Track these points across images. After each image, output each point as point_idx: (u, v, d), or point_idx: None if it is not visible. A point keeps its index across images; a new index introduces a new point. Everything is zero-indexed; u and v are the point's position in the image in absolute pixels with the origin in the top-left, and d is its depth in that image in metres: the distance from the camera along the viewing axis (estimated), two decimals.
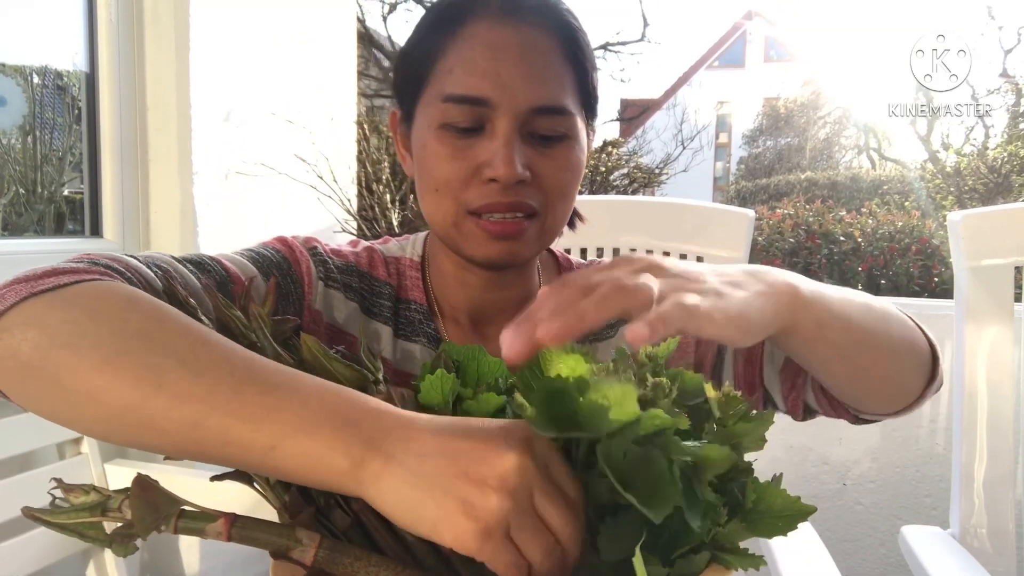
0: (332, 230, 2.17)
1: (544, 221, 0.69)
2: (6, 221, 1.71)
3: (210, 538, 0.46)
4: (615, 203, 1.51)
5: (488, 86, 0.64)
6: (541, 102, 0.65)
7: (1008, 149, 7.51)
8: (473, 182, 0.66)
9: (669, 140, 6.69)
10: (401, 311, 0.77)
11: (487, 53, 0.65)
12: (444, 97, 0.66)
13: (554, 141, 0.67)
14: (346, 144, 2.27)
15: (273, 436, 0.44)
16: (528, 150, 0.66)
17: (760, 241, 4.59)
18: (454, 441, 0.44)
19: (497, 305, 0.76)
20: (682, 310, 0.45)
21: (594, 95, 0.73)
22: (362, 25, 6.45)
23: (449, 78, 0.66)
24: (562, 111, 0.67)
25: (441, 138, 0.67)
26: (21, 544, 1.35)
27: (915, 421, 2.09)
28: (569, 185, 0.69)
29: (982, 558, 1.18)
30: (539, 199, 0.67)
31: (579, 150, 0.70)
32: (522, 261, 0.71)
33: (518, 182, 0.65)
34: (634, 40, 7.81)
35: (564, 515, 0.44)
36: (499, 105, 0.65)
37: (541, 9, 0.68)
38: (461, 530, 0.42)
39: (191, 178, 1.67)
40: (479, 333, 0.77)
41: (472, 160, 0.66)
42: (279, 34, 1.93)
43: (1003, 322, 1.28)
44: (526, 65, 0.65)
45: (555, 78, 0.67)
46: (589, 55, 0.70)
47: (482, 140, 0.66)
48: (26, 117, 1.69)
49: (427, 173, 0.68)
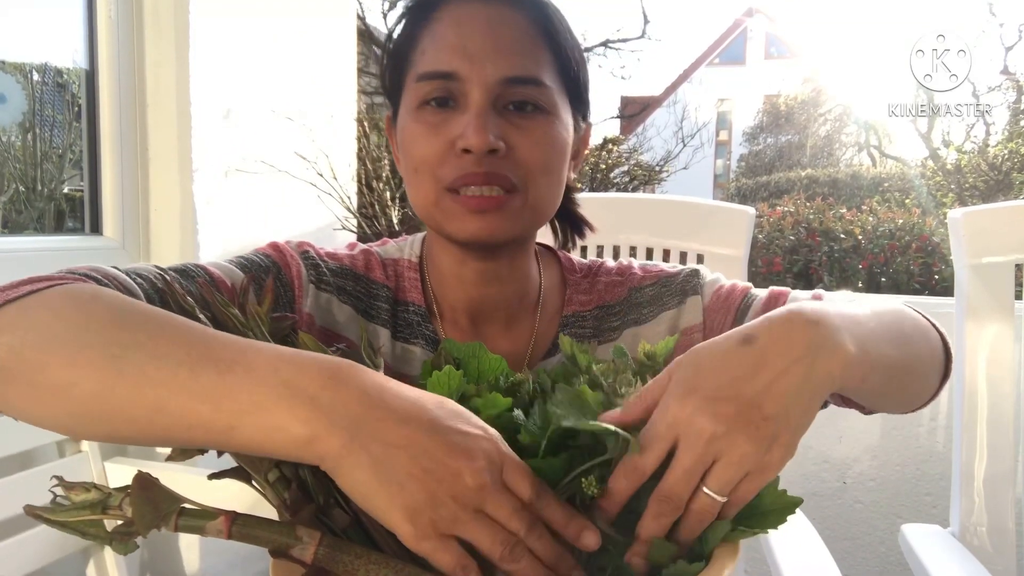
0: (332, 227, 2.17)
1: (526, 196, 0.68)
2: (6, 218, 1.71)
3: (210, 536, 0.46)
4: (616, 200, 1.51)
5: (457, 60, 0.65)
6: (511, 72, 0.66)
7: (1009, 146, 7.50)
8: (448, 156, 0.66)
9: (670, 137, 6.70)
10: (399, 313, 0.76)
11: (455, 29, 0.66)
12: (418, 77, 0.68)
13: (529, 113, 0.67)
14: (346, 141, 2.27)
15: (232, 415, 0.46)
16: (502, 122, 0.66)
17: (760, 238, 4.59)
18: (419, 436, 0.45)
19: (495, 301, 0.76)
20: (754, 485, 0.48)
21: (580, 81, 0.72)
22: (362, 22, 6.44)
23: (422, 59, 0.68)
24: (534, 82, 0.67)
25: (419, 118, 0.68)
26: (21, 543, 1.35)
27: (915, 419, 2.09)
28: (551, 160, 0.69)
29: (982, 556, 1.18)
30: (517, 173, 0.67)
31: (560, 126, 0.69)
32: (506, 238, 0.70)
33: (491, 151, 0.65)
34: (635, 37, 7.80)
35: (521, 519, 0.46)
36: (469, 78, 0.65)
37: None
38: (404, 530, 0.45)
39: (191, 175, 1.67)
40: (478, 333, 0.77)
41: (447, 135, 0.66)
42: (279, 31, 1.93)
43: (1003, 320, 1.27)
44: (494, 37, 0.66)
45: (525, 50, 0.67)
46: (565, 34, 0.70)
47: (456, 114, 0.66)
48: (26, 114, 1.69)
49: (407, 156, 0.69)
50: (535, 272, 0.80)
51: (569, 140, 0.71)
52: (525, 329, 0.77)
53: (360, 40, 5.10)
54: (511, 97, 0.67)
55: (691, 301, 0.78)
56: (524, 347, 0.77)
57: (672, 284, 0.80)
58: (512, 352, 0.76)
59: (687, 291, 0.79)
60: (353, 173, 2.32)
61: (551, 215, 0.74)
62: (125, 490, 0.47)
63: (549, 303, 0.79)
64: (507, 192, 0.67)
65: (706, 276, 0.81)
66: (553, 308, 0.79)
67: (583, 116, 0.75)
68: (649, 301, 0.79)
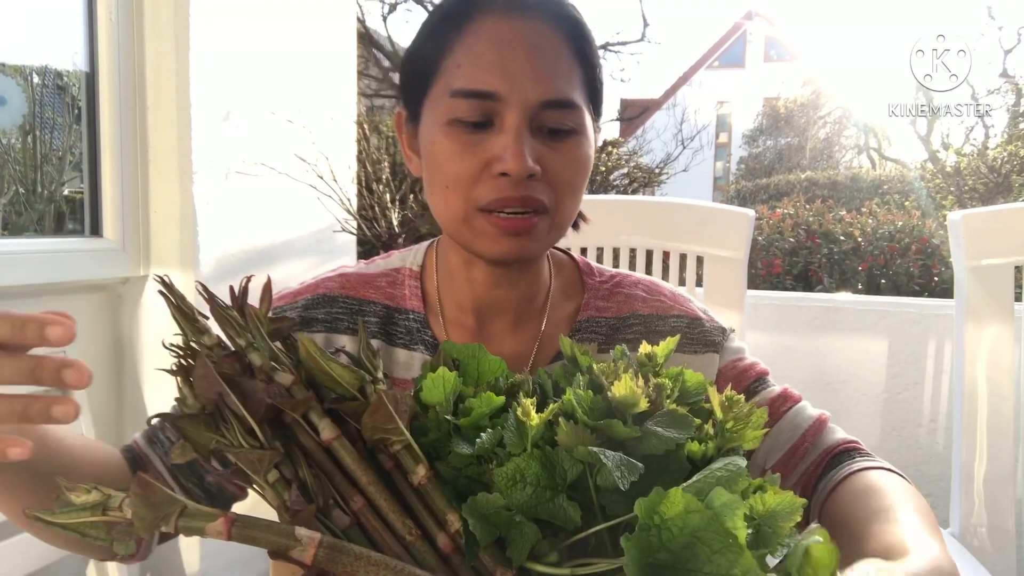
0: (332, 229, 2.17)
1: (554, 217, 0.69)
2: (6, 220, 1.71)
3: (210, 537, 0.46)
4: (615, 203, 1.51)
5: (496, 80, 0.64)
6: (550, 96, 0.65)
7: (1008, 149, 7.51)
8: (483, 177, 0.66)
9: (669, 140, 6.70)
10: (399, 321, 0.77)
11: (494, 47, 0.65)
12: (452, 92, 0.66)
13: (563, 135, 0.67)
14: (346, 144, 2.27)
15: None
16: (537, 144, 0.66)
17: (760, 241, 4.59)
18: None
19: (503, 303, 0.76)
20: None
21: (600, 91, 0.73)
22: (362, 25, 6.45)
23: (457, 73, 0.66)
24: (571, 105, 0.67)
25: (450, 134, 0.66)
26: (21, 543, 1.35)
27: (915, 420, 2.09)
28: (578, 180, 0.69)
29: (982, 557, 1.18)
30: (549, 194, 0.67)
31: (588, 145, 0.70)
32: (532, 257, 0.71)
33: (528, 176, 0.65)
34: (634, 40, 7.80)
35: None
36: (507, 99, 0.65)
37: (547, 4, 0.68)
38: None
39: (191, 177, 1.67)
40: (484, 332, 0.77)
41: (482, 155, 0.66)
42: (279, 34, 1.93)
43: (1003, 321, 1.28)
44: (534, 59, 0.65)
45: (563, 72, 0.67)
46: (594, 50, 0.70)
47: (491, 135, 0.66)
48: (26, 117, 1.69)
49: (436, 170, 0.68)
50: (545, 276, 0.79)
51: (593, 154, 0.72)
52: (531, 330, 0.77)
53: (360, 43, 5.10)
54: (547, 121, 0.66)
55: (708, 357, 0.79)
56: (528, 348, 0.77)
57: (697, 330, 0.80)
58: (516, 352, 0.76)
59: (709, 345, 0.79)
60: (353, 175, 2.32)
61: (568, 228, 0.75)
62: (126, 492, 0.47)
63: (558, 306, 0.79)
64: (538, 213, 0.67)
65: (733, 341, 0.81)
66: (563, 312, 0.79)
67: (597, 118, 0.76)
68: (668, 333, 0.78)
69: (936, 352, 2.06)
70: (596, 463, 0.47)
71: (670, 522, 0.42)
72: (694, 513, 0.42)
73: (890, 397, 2.11)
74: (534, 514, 0.48)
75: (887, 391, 2.11)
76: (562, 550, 0.48)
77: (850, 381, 2.13)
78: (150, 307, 1.67)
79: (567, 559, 0.48)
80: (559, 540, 0.49)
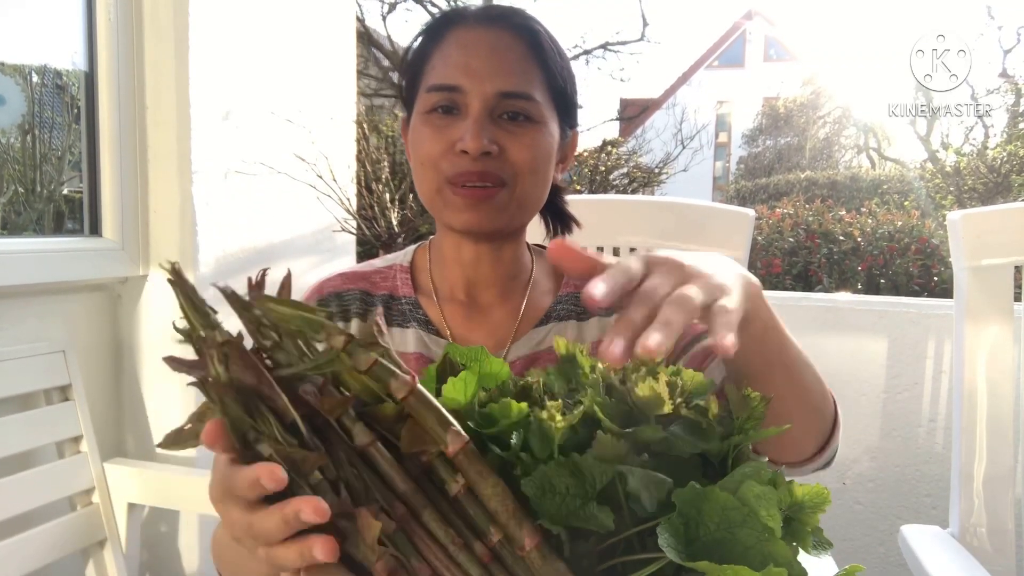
0: (331, 229, 2.17)
1: (513, 191, 0.80)
2: (5, 220, 1.71)
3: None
4: (615, 202, 1.51)
5: (461, 75, 0.79)
6: (506, 87, 0.78)
7: (1008, 149, 7.51)
8: (449, 155, 0.79)
9: (669, 139, 6.71)
10: (395, 307, 0.90)
11: (461, 50, 0.80)
12: (428, 88, 0.81)
13: (520, 121, 0.80)
14: (345, 143, 2.27)
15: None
16: (496, 129, 0.79)
17: (760, 240, 4.59)
18: None
19: (488, 279, 0.88)
20: (732, 316, 0.51)
21: (567, 95, 0.84)
22: (361, 24, 6.45)
23: (432, 73, 0.81)
24: (526, 96, 0.79)
25: (427, 121, 0.81)
26: (21, 543, 1.35)
27: (915, 420, 2.09)
28: (536, 161, 0.80)
29: (981, 557, 1.18)
30: (507, 171, 0.79)
31: (546, 134, 0.81)
32: (494, 227, 0.82)
33: (484, 153, 0.77)
34: (634, 40, 7.82)
35: None
36: (470, 91, 0.78)
37: (509, 16, 0.82)
38: None
39: (190, 177, 1.67)
40: (474, 304, 0.89)
41: (449, 137, 0.79)
42: (278, 33, 1.93)
43: (1003, 321, 1.28)
44: (493, 58, 0.79)
45: (519, 70, 0.80)
46: (554, 56, 0.82)
47: (458, 120, 0.79)
48: (25, 116, 1.70)
49: (415, 152, 0.83)
50: (526, 259, 0.92)
51: (555, 146, 0.83)
52: (516, 300, 0.90)
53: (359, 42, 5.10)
54: (505, 108, 0.79)
55: None
56: (514, 316, 0.89)
57: None
58: (504, 319, 0.88)
59: None
60: (352, 175, 2.32)
61: (536, 209, 0.86)
62: None
63: (542, 283, 0.92)
64: (496, 186, 0.79)
65: None
66: (545, 287, 0.91)
67: (570, 125, 0.87)
68: None
69: (935, 352, 2.06)
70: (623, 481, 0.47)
71: (707, 517, 0.45)
72: (732, 510, 0.44)
73: (889, 397, 2.11)
74: (565, 522, 0.47)
75: (886, 391, 2.11)
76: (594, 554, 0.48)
77: (849, 381, 2.13)
78: (150, 307, 1.67)
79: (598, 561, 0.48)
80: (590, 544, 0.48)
